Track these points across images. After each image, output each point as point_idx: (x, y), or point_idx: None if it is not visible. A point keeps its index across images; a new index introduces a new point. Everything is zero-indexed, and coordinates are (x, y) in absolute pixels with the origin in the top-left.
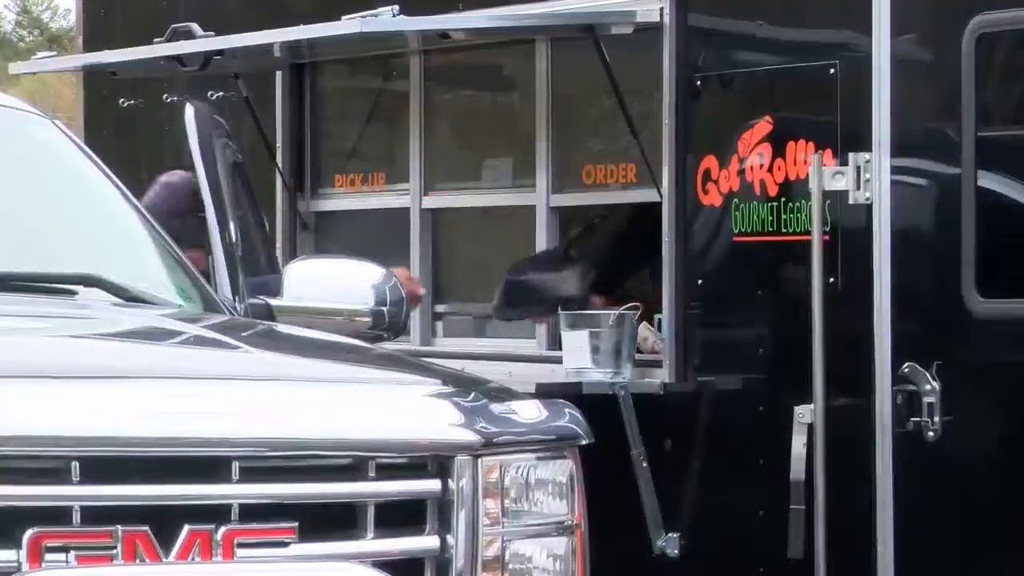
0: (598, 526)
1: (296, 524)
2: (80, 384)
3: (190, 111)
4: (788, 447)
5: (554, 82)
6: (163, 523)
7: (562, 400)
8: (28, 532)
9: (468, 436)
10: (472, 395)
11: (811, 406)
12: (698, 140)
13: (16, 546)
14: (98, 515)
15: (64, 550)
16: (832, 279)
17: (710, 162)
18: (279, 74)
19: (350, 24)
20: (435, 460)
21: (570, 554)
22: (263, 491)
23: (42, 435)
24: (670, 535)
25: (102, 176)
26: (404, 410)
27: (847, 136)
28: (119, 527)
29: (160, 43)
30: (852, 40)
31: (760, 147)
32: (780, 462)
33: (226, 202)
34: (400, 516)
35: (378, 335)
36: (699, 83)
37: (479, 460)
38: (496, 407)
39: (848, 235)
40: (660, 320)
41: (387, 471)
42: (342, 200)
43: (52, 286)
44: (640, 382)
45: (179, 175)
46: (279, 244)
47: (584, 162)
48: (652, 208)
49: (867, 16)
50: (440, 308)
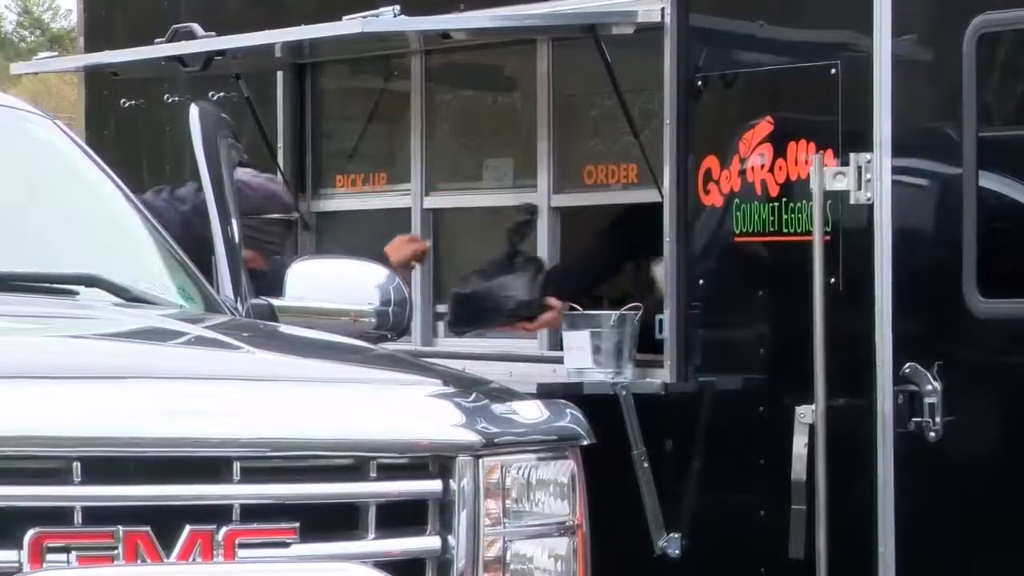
0: (599, 526)
1: (297, 524)
2: (81, 384)
3: (195, 111)
4: (789, 447)
5: (555, 82)
6: (164, 523)
7: (563, 400)
8: (29, 532)
9: (469, 436)
10: (473, 395)
11: (812, 406)
12: (699, 140)
13: (17, 546)
14: (99, 515)
15: (65, 550)
16: (833, 279)
17: (711, 162)
18: (280, 74)
19: (351, 24)
20: (436, 460)
21: (571, 554)
22: (264, 491)
23: (43, 435)
24: (671, 535)
25: (103, 176)
26: (405, 410)
27: (848, 136)
28: (120, 527)
29: (161, 43)
30: (853, 40)
31: (761, 147)
32: (781, 462)
33: (229, 201)
34: (401, 516)
35: (381, 335)
36: (700, 83)
37: (480, 460)
38: (497, 407)
39: (849, 235)
40: (661, 320)
41: (388, 471)
42: (343, 200)
43: (53, 286)
44: (641, 382)
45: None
46: None
47: (585, 162)
48: (613, 210)
49: (868, 16)
50: (441, 308)
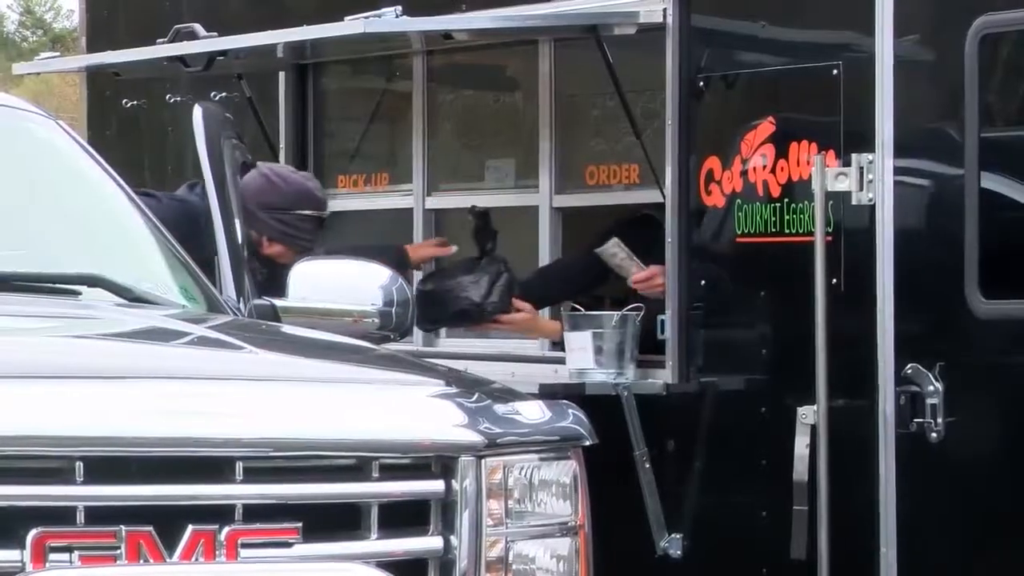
0: (601, 527)
1: (300, 524)
2: (84, 384)
3: (198, 111)
4: (791, 448)
5: (557, 83)
6: (167, 523)
7: (565, 401)
8: (32, 532)
9: (472, 437)
10: (475, 396)
11: (814, 407)
12: (701, 141)
13: (20, 546)
14: (102, 515)
15: (68, 550)
16: (835, 280)
17: (713, 163)
18: (282, 74)
19: (353, 25)
20: (439, 461)
21: (573, 555)
22: (267, 491)
23: (46, 435)
24: (673, 536)
25: (105, 176)
26: (408, 411)
27: (850, 137)
28: (123, 527)
29: (163, 44)
30: (855, 41)
31: (763, 148)
32: (783, 463)
33: (232, 202)
34: (404, 517)
35: (384, 336)
36: (702, 84)
37: (482, 461)
38: (499, 408)
39: (851, 236)
40: (663, 321)
41: (391, 471)
42: (345, 201)
43: (56, 286)
44: (643, 383)
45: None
46: None
47: (587, 163)
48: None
49: (870, 17)
50: None
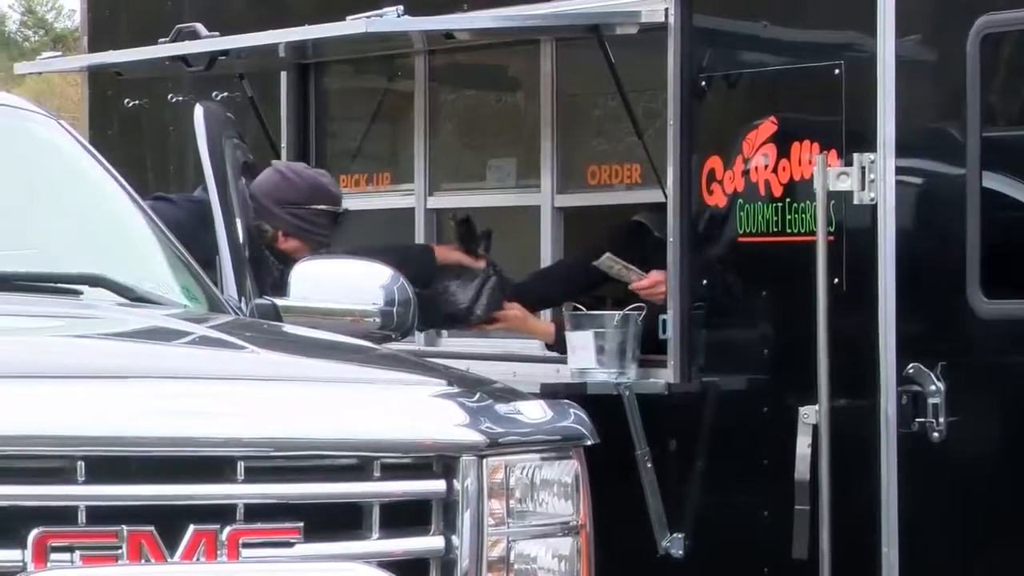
0: (603, 526)
1: (301, 524)
2: (85, 384)
3: (199, 111)
4: (793, 448)
5: (559, 82)
6: (168, 523)
7: (567, 400)
8: (33, 532)
9: (473, 436)
10: (477, 395)
11: (816, 407)
12: (703, 140)
13: (21, 546)
14: (103, 515)
15: (69, 550)
16: (836, 279)
17: (715, 162)
18: (284, 74)
19: (355, 24)
20: (440, 460)
21: (575, 555)
22: (268, 491)
23: (47, 435)
24: (675, 535)
25: (107, 176)
26: (409, 410)
27: (852, 136)
28: (124, 527)
29: (165, 43)
30: (857, 40)
31: (765, 147)
32: (785, 463)
33: (233, 201)
34: (405, 516)
35: (385, 335)
36: (704, 83)
37: (484, 460)
38: (501, 407)
39: (853, 235)
40: (665, 320)
41: (392, 471)
42: (347, 200)
43: (57, 286)
44: (645, 382)
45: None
46: None
47: (589, 162)
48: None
49: (871, 16)
50: None
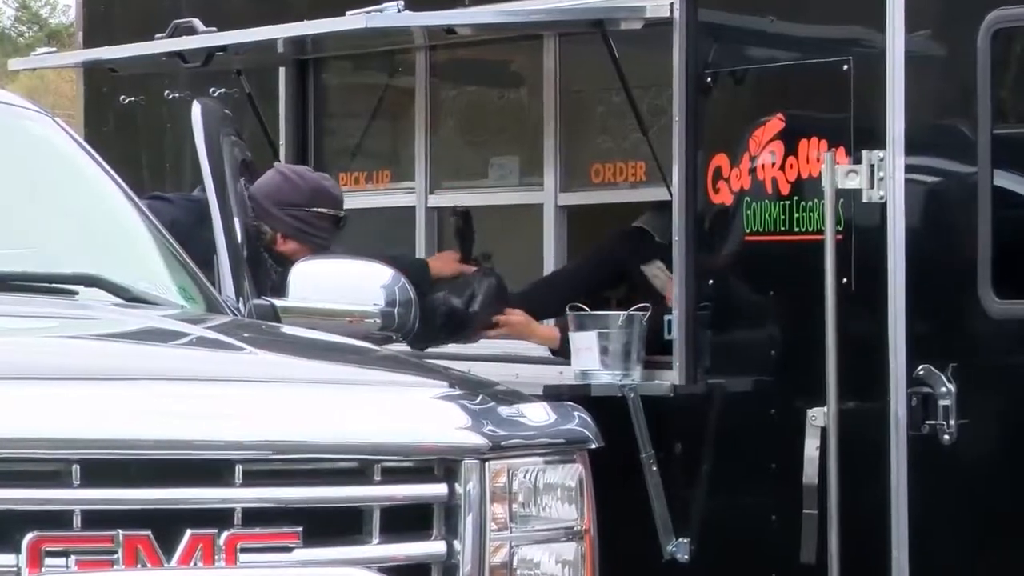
0: (607, 531)
1: (300, 529)
2: (81, 386)
3: (197, 108)
4: (801, 450)
5: (562, 78)
6: (165, 527)
7: (571, 402)
8: (28, 536)
9: (475, 439)
10: (479, 397)
11: (824, 409)
12: (709, 138)
13: (16, 551)
14: (99, 519)
15: (64, 555)
16: (845, 279)
17: (721, 160)
18: (282, 70)
19: (355, 19)
20: (442, 464)
21: (579, 560)
22: (267, 495)
23: (42, 438)
24: (680, 540)
25: (103, 174)
26: (410, 413)
27: (860, 134)
28: (120, 531)
29: (161, 39)
30: (865, 36)
31: (772, 145)
32: (793, 466)
33: (231, 200)
34: (406, 521)
35: (386, 337)
36: (710, 79)
37: (486, 464)
38: (503, 410)
39: (862, 234)
40: (670, 321)
41: (393, 475)
42: (346, 198)
43: (52, 286)
44: (650, 384)
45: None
46: None
47: (593, 160)
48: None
49: (880, 11)
50: None
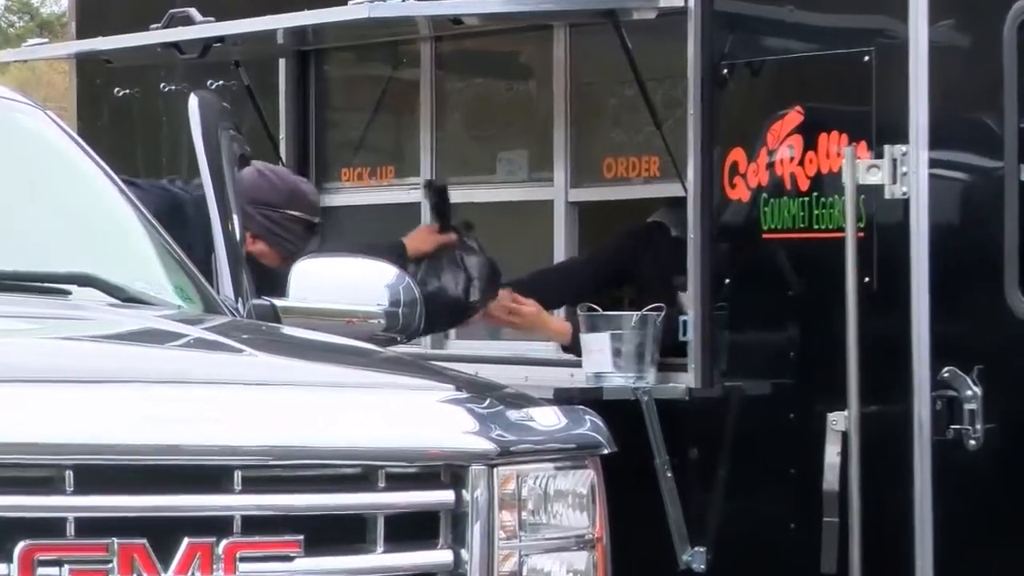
0: (620, 539)
1: (302, 537)
2: (74, 389)
3: (194, 101)
4: (821, 456)
5: (573, 70)
6: (161, 535)
7: (582, 406)
8: (20, 545)
9: (483, 444)
10: (487, 401)
11: (845, 413)
12: (725, 131)
13: (7, 560)
14: (93, 527)
15: (58, 564)
16: (867, 278)
17: (738, 155)
18: (282, 62)
19: (358, 9)
20: (448, 470)
21: (591, 569)
22: (267, 502)
23: (34, 443)
24: (696, 549)
25: (96, 169)
26: (415, 417)
27: (882, 127)
28: (115, 540)
29: (157, 29)
30: (888, 26)
31: (790, 139)
32: (812, 472)
33: (230, 196)
34: (411, 529)
35: (391, 338)
36: (726, 71)
37: (495, 470)
38: (512, 414)
39: (884, 232)
40: (685, 321)
41: (397, 481)
42: (349, 195)
43: (45, 285)
44: (664, 387)
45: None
46: None
47: (605, 154)
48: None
49: (903, 0)
50: None
